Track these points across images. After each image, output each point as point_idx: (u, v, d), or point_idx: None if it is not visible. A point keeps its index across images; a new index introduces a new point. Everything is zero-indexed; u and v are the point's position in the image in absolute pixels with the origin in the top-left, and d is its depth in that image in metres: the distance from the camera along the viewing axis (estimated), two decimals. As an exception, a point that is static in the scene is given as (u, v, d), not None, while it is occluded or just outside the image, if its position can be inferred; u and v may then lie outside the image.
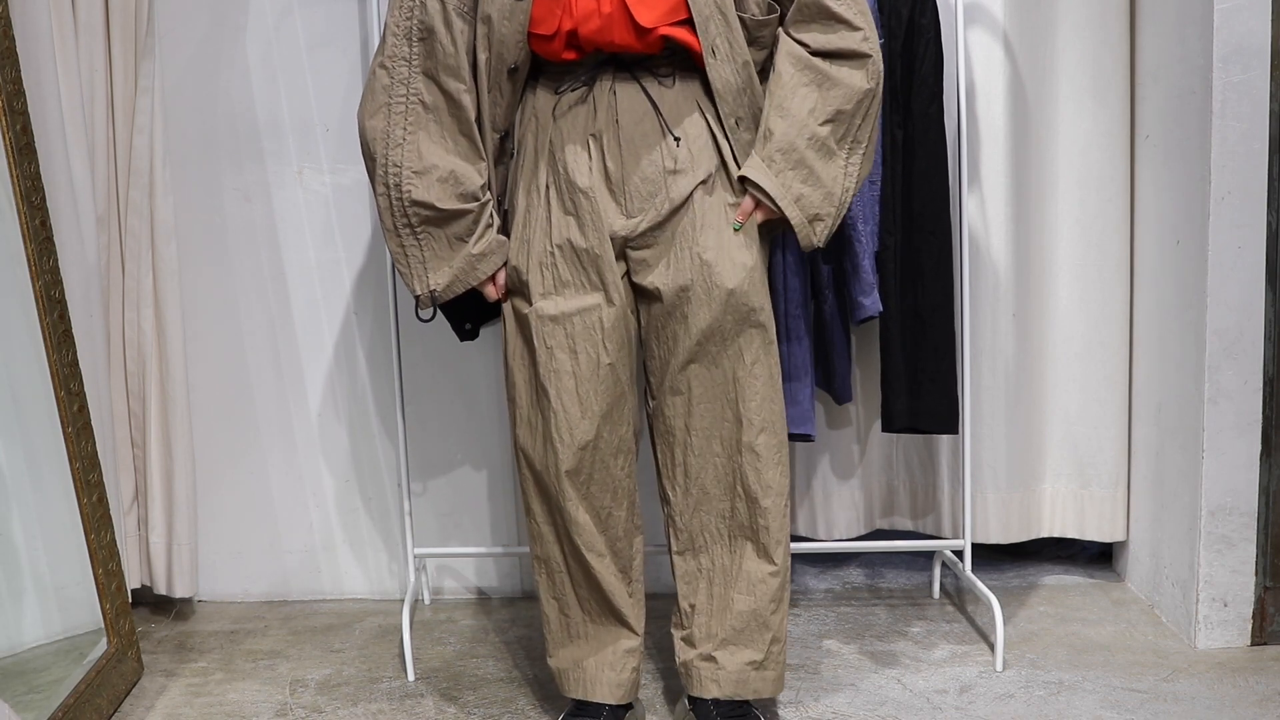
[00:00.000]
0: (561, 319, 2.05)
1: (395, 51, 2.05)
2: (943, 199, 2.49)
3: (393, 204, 2.05)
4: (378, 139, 2.06)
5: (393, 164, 2.05)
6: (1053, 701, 2.32)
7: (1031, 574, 2.98)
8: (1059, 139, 2.77)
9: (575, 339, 2.05)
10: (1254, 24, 2.38)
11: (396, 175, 2.04)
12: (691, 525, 2.15)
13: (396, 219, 2.06)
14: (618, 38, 1.98)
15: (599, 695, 2.17)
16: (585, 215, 2.03)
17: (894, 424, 2.54)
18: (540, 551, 2.18)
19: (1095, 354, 2.83)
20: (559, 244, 2.04)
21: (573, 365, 2.05)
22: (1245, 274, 2.45)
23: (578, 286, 2.05)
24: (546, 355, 2.06)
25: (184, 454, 2.74)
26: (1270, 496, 2.51)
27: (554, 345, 2.05)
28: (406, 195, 2.04)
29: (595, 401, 2.06)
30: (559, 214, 2.05)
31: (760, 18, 2.04)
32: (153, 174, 2.64)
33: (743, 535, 2.13)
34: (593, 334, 2.05)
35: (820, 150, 2.03)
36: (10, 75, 2.21)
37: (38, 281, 2.26)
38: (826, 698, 2.36)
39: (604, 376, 2.06)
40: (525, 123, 2.10)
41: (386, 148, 2.05)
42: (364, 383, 2.87)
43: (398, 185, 2.04)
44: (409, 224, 2.06)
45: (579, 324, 2.04)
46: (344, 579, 2.94)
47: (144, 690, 2.47)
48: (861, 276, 2.47)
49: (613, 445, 2.10)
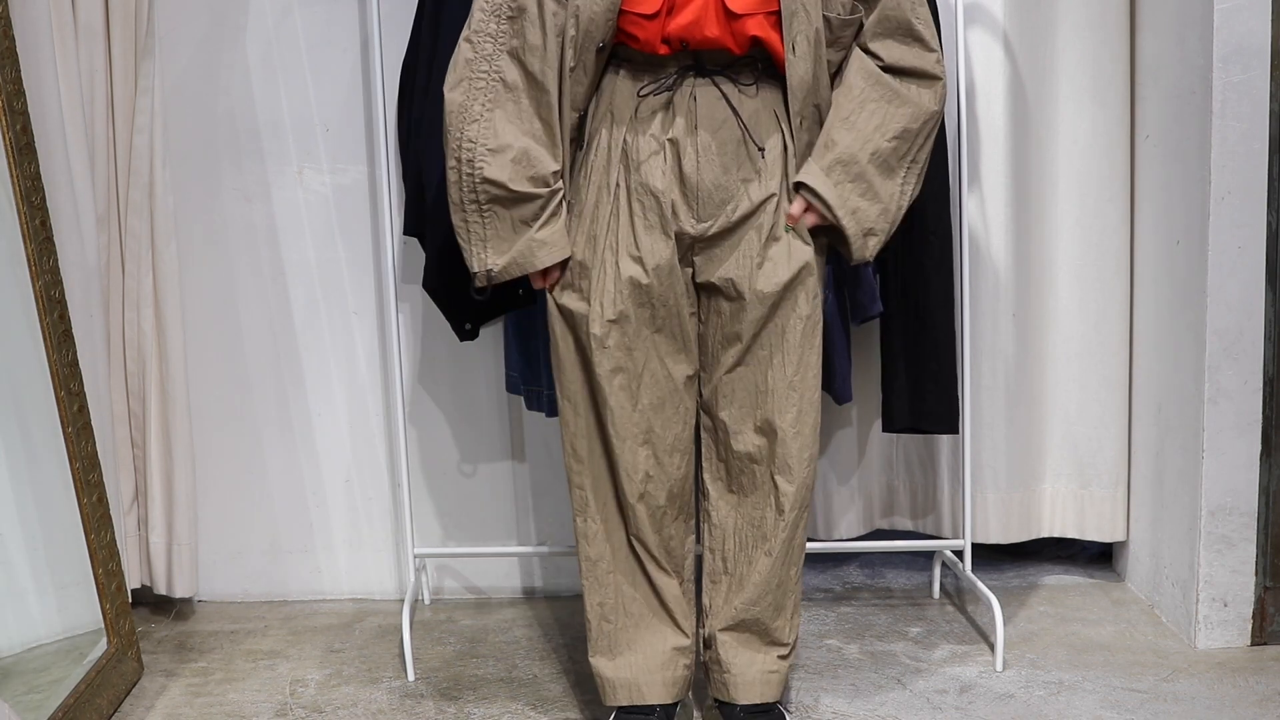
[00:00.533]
0: (621, 320, 2.06)
1: (483, 27, 2.02)
2: (943, 199, 2.49)
3: (463, 179, 2.03)
4: (455, 111, 2.03)
5: (467, 139, 2.02)
6: (1053, 701, 2.32)
7: (1031, 574, 2.98)
8: (1059, 139, 2.77)
9: (630, 337, 2.07)
10: (1254, 24, 2.38)
11: (470, 151, 2.01)
12: (725, 521, 2.18)
13: (465, 194, 2.04)
14: (710, 31, 1.97)
15: (651, 697, 2.17)
16: (653, 217, 2.03)
17: (894, 424, 2.54)
18: (591, 551, 2.17)
19: (1095, 354, 2.83)
20: (626, 280, 2.05)
21: (628, 362, 2.07)
22: (1245, 274, 2.45)
23: (639, 319, 2.07)
24: (602, 354, 2.06)
25: (184, 454, 2.74)
26: (1270, 496, 2.51)
27: (612, 345, 2.06)
28: (479, 172, 2.01)
29: (646, 396, 2.09)
30: (625, 221, 2.05)
31: (845, 17, 2.03)
32: (153, 174, 2.64)
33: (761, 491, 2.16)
34: (645, 331, 2.07)
35: (881, 166, 2.03)
36: (10, 75, 2.21)
37: (38, 281, 2.26)
38: (826, 698, 2.36)
39: (655, 373, 2.09)
40: (600, 117, 2.07)
41: (463, 122, 2.02)
42: (364, 383, 2.87)
43: (470, 161, 2.02)
44: (476, 201, 2.03)
45: (633, 323, 2.06)
46: (344, 579, 2.94)
47: (144, 690, 2.47)
48: (862, 277, 2.46)
49: (667, 443, 2.12)
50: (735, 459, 2.14)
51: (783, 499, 2.11)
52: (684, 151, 2.02)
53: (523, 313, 2.61)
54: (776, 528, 2.12)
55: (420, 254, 2.60)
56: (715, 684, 2.22)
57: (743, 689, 2.17)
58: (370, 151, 2.78)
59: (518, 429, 2.86)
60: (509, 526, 2.91)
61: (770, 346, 2.09)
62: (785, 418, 2.09)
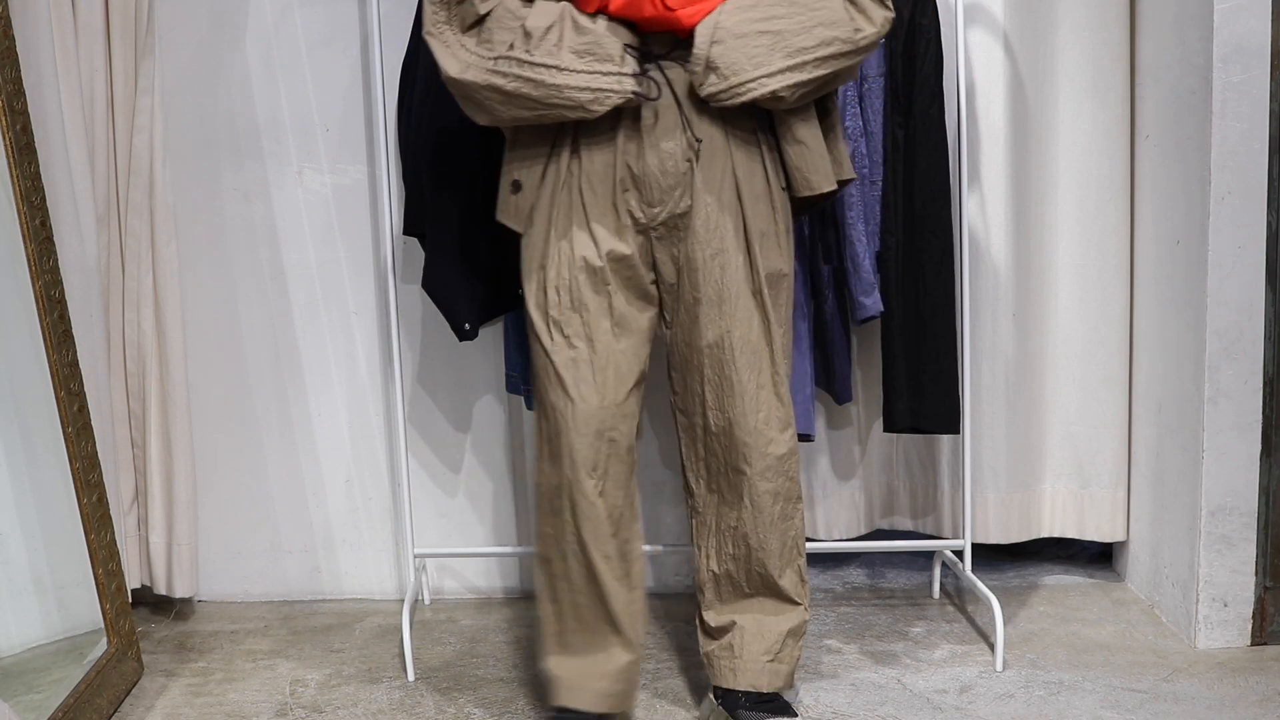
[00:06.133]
0: (578, 307, 2.07)
1: (435, 16, 2.06)
2: (943, 199, 2.49)
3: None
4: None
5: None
6: (1053, 701, 2.32)
7: (1031, 574, 2.98)
8: (1059, 139, 2.77)
9: (591, 327, 2.07)
10: (1254, 24, 2.38)
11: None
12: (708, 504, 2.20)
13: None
14: (648, 11, 1.97)
15: (584, 704, 2.15)
16: (604, 203, 2.05)
17: (895, 424, 2.54)
18: (543, 550, 2.17)
19: (1095, 354, 2.83)
20: (579, 263, 2.06)
21: (590, 354, 2.08)
22: (1245, 274, 2.45)
23: (597, 310, 2.08)
24: (564, 343, 2.07)
25: (184, 454, 2.74)
26: (1270, 496, 2.51)
27: (571, 334, 2.07)
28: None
29: (611, 391, 2.09)
30: (579, 207, 2.06)
31: None
32: (153, 174, 2.64)
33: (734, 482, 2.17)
34: (605, 323, 2.08)
35: (774, 36, 1.98)
36: (10, 75, 2.21)
37: (38, 281, 2.26)
38: (826, 698, 2.36)
39: (619, 364, 2.09)
40: None
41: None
42: (364, 383, 2.87)
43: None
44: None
45: (593, 312, 2.07)
46: (344, 579, 2.94)
47: (144, 690, 2.47)
48: (862, 276, 2.47)
49: (627, 440, 2.12)
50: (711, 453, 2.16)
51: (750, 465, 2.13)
52: (627, 134, 2.03)
53: (523, 313, 2.61)
54: (752, 487, 2.14)
55: (420, 254, 2.60)
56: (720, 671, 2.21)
57: (748, 673, 2.17)
58: (370, 151, 2.78)
59: (518, 429, 2.86)
60: (509, 526, 2.91)
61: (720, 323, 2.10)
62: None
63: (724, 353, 2.10)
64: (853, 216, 2.44)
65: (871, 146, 2.48)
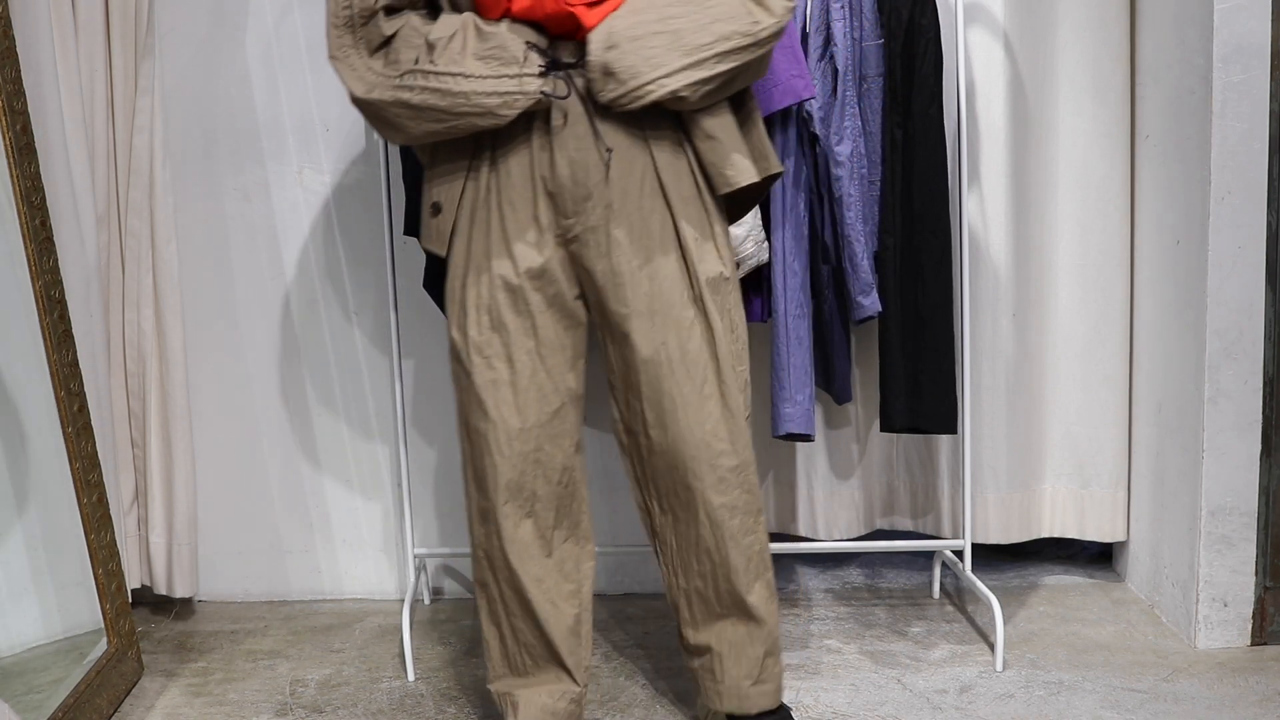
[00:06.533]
0: (498, 327, 2.02)
1: (339, 41, 2.02)
2: (943, 199, 2.49)
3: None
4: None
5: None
6: (1053, 701, 2.32)
7: (1031, 574, 2.98)
8: (1059, 139, 2.77)
9: (512, 348, 2.02)
10: (1254, 24, 2.38)
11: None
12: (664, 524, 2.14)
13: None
14: (550, 7, 1.92)
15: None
16: (523, 217, 2.00)
17: (893, 424, 2.54)
18: (479, 574, 2.14)
19: (1095, 354, 2.83)
20: (499, 283, 2.01)
21: (510, 375, 2.03)
22: (1245, 274, 2.45)
23: (518, 330, 2.02)
24: (483, 364, 2.03)
25: (184, 454, 2.74)
26: (1270, 496, 2.51)
27: (491, 355, 2.03)
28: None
29: (534, 412, 2.04)
30: (497, 223, 2.01)
31: None
32: (153, 174, 2.64)
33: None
34: (528, 343, 2.03)
35: (672, 34, 1.93)
36: (10, 75, 2.21)
37: (38, 281, 2.26)
38: (826, 698, 2.36)
39: (542, 386, 2.04)
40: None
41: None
42: (364, 383, 2.87)
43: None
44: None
45: (514, 332, 2.02)
46: (344, 579, 2.94)
47: (144, 690, 2.47)
48: (860, 276, 2.47)
49: (560, 460, 2.07)
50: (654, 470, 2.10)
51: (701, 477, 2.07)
52: (540, 144, 1.98)
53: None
54: (704, 499, 2.07)
55: (420, 254, 2.60)
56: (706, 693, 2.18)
57: (733, 698, 2.14)
58: (370, 151, 2.78)
59: (518, 429, 2.86)
60: (509, 526, 2.91)
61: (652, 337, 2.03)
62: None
63: (661, 368, 2.02)
64: (851, 216, 2.44)
65: (870, 146, 2.48)
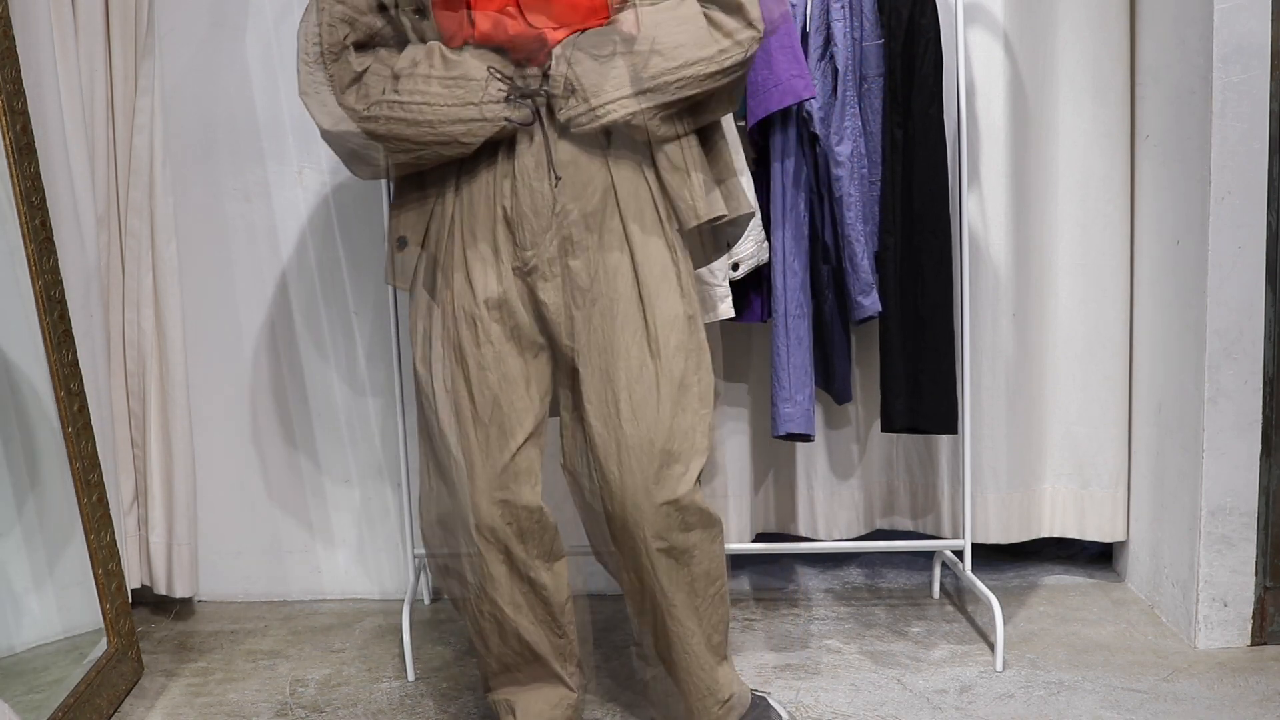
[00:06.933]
0: (460, 360, 2.01)
1: (310, 78, 2.00)
2: (943, 199, 2.49)
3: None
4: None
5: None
6: (1053, 701, 2.32)
7: (1031, 574, 2.98)
8: (1059, 139, 2.77)
9: (473, 382, 2.01)
10: (1254, 24, 2.38)
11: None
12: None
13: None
14: (512, 29, 1.91)
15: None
16: (484, 247, 1.98)
17: (894, 424, 2.54)
18: (457, 592, 2.11)
19: (1095, 354, 2.83)
20: (461, 316, 1.99)
21: (471, 410, 2.00)
22: (1245, 274, 2.45)
23: (478, 363, 2.00)
24: (446, 398, 2.01)
25: (184, 454, 2.74)
26: (1270, 496, 2.51)
27: (456, 390, 2.01)
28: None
29: (496, 451, 2.01)
30: (459, 248, 1.99)
31: None
32: (153, 174, 2.64)
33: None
34: (490, 376, 2.00)
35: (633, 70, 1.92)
36: (10, 75, 2.21)
37: (38, 281, 2.26)
38: (826, 698, 2.36)
39: (503, 423, 2.01)
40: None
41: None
42: (364, 383, 2.87)
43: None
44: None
45: (473, 366, 2.00)
46: (344, 579, 2.94)
47: (144, 690, 2.47)
48: (860, 276, 2.47)
49: (525, 499, 2.03)
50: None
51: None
52: (501, 172, 1.97)
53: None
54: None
55: (420, 254, 2.60)
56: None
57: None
58: (370, 151, 2.77)
59: (518, 429, 2.86)
60: (509, 526, 2.91)
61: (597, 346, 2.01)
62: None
63: (607, 407, 1.98)
64: (851, 216, 2.44)
65: (870, 146, 2.48)
